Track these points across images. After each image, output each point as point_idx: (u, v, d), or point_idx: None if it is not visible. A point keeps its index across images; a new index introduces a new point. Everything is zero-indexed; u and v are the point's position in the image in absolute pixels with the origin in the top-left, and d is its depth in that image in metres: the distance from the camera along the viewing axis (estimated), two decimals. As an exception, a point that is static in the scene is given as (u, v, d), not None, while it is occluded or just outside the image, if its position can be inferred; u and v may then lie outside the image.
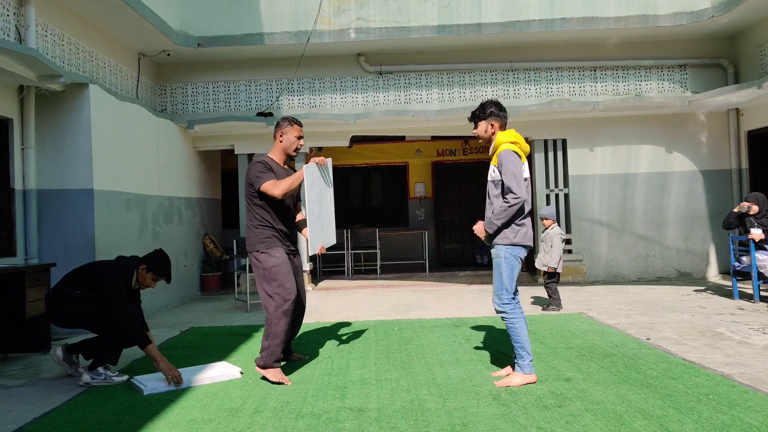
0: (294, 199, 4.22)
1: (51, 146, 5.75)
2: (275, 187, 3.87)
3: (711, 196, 8.48)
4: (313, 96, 8.63)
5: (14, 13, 5.39)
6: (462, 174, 11.80)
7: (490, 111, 3.75)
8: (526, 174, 3.68)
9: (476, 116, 3.82)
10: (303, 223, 4.24)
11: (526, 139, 8.93)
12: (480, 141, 3.85)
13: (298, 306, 4.07)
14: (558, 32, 7.92)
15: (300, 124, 4.17)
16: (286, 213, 4.09)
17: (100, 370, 3.94)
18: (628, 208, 8.56)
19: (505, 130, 3.78)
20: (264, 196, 3.95)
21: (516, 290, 3.69)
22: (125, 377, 3.97)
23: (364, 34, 7.94)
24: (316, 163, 4.00)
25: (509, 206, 3.55)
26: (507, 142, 3.67)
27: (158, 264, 4.11)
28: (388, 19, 7.95)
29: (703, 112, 8.49)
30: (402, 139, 11.32)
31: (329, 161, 4.15)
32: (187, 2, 7.97)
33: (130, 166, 6.57)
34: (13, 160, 5.49)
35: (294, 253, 4.18)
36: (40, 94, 5.68)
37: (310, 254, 4.06)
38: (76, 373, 4.06)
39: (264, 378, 3.83)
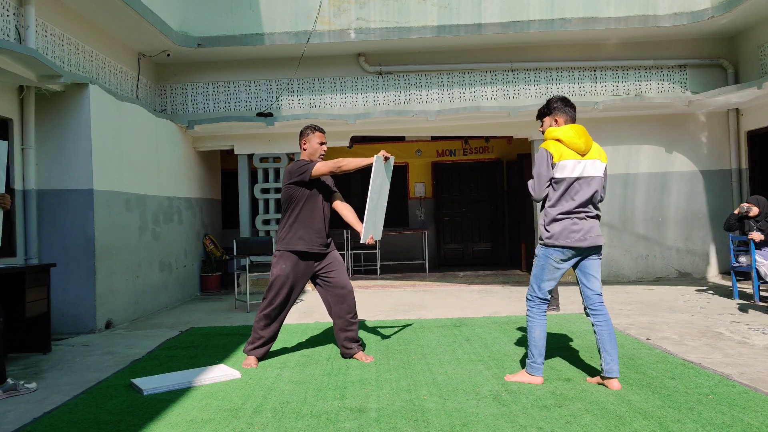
0: (330, 191, 4.35)
1: (51, 146, 5.75)
2: (339, 161, 4.06)
3: (711, 196, 8.48)
4: (313, 96, 8.63)
5: (14, 13, 5.39)
6: (462, 174, 11.80)
7: (554, 106, 3.63)
8: (579, 172, 3.45)
9: (541, 113, 3.72)
10: (341, 207, 4.34)
11: (526, 140, 8.94)
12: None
13: (281, 314, 4.28)
14: (558, 32, 7.92)
15: (322, 131, 4.38)
16: (317, 211, 4.22)
17: None
18: (628, 208, 8.55)
19: (572, 124, 3.58)
20: (295, 196, 4.15)
21: (547, 296, 3.59)
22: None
23: (364, 34, 7.94)
24: (384, 157, 4.08)
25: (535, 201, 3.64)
26: (551, 138, 3.53)
27: None
28: (388, 19, 7.95)
29: (703, 112, 8.49)
30: (402, 139, 11.31)
31: (392, 159, 4.20)
32: (187, 2, 7.97)
33: (130, 166, 6.57)
34: (13, 160, 5.47)
35: (317, 255, 4.24)
36: (40, 94, 5.68)
37: (361, 242, 4.16)
38: (25, 389, 3.75)
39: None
